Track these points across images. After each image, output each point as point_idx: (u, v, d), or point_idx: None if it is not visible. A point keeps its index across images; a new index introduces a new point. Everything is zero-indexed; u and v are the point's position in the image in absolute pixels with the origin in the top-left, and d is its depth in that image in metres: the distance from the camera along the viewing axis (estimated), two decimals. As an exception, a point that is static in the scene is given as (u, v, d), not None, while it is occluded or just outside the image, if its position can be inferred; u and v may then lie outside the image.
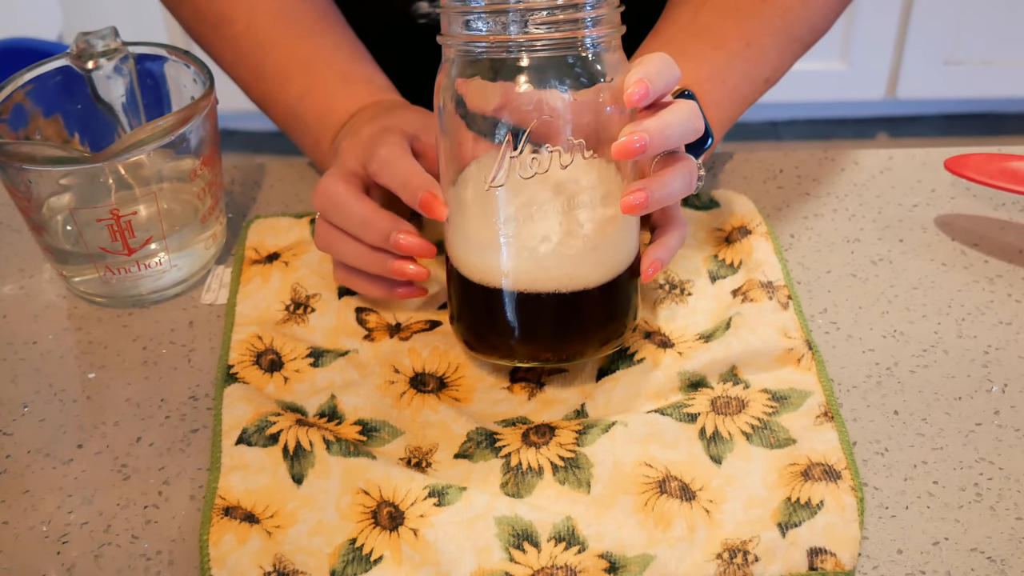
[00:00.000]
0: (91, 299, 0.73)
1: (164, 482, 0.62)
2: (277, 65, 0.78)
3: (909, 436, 0.63)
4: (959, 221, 0.77)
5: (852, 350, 0.68)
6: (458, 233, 0.62)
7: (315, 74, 0.77)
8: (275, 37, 0.78)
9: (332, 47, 0.78)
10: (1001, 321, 0.70)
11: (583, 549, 0.56)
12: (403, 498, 0.58)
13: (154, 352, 0.70)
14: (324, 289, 0.73)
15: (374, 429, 0.63)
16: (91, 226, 0.70)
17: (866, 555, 0.57)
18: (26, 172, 0.68)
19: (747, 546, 0.56)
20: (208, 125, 0.71)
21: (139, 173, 0.71)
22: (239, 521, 0.57)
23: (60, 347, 0.71)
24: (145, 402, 0.67)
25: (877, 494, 0.60)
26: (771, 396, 0.64)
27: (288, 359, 0.67)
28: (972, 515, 0.59)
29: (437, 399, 0.65)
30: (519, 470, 0.60)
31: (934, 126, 2.23)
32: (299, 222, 0.78)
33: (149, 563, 0.58)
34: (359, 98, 0.75)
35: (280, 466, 0.60)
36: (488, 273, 0.61)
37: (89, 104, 0.75)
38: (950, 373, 0.66)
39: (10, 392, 0.68)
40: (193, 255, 0.74)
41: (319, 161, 0.78)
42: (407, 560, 0.56)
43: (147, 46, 0.75)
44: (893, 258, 0.74)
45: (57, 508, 0.61)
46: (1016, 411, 0.64)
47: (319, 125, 0.76)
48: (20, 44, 1.55)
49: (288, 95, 0.77)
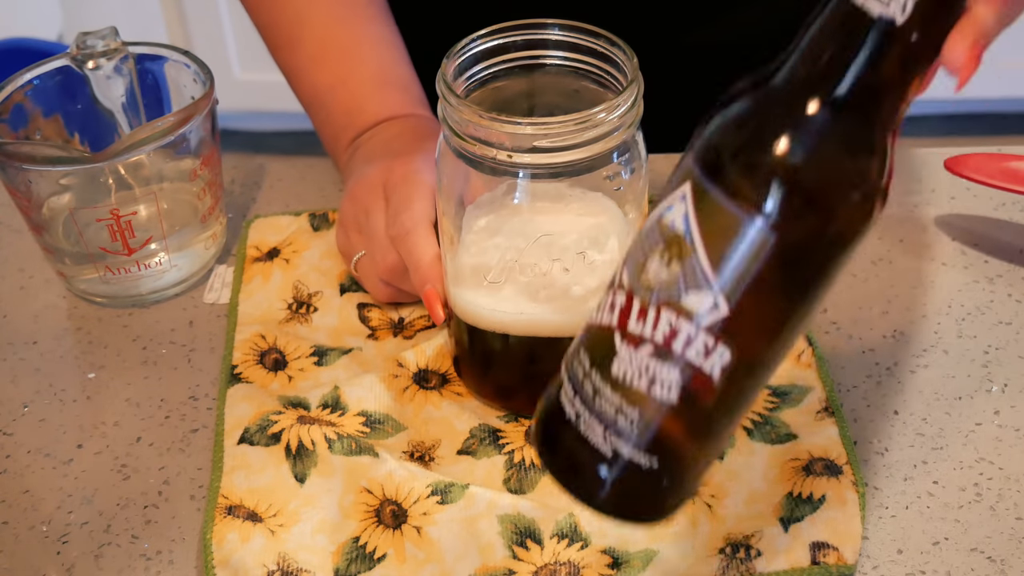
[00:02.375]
0: (91, 299, 0.73)
1: (164, 482, 0.62)
2: (314, 44, 0.76)
3: (909, 436, 0.63)
4: (959, 221, 0.77)
5: (852, 350, 0.68)
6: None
7: (351, 67, 0.76)
8: (318, 12, 0.76)
9: (374, 41, 0.77)
10: (1001, 321, 0.70)
11: (586, 545, 0.56)
12: (406, 496, 0.58)
13: (154, 352, 0.70)
14: (326, 287, 0.73)
15: (378, 422, 0.63)
16: (91, 226, 0.70)
17: (866, 555, 0.57)
18: (26, 172, 0.68)
19: (749, 541, 0.56)
20: (208, 125, 0.71)
21: (139, 173, 0.71)
22: (242, 520, 0.57)
23: (60, 347, 0.71)
24: (145, 402, 0.67)
25: (877, 494, 0.60)
26: (772, 391, 0.64)
27: (292, 358, 0.67)
28: (972, 515, 0.59)
29: (440, 395, 0.65)
30: (522, 466, 0.60)
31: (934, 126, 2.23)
32: (299, 219, 0.78)
33: (149, 563, 0.58)
34: (390, 106, 0.74)
35: (283, 465, 0.60)
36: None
37: (89, 104, 0.75)
38: (950, 373, 0.66)
39: (10, 392, 0.68)
40: (193, 255, 0.74)
41: (332, 152, 0.78)
42: (411, 558, 0.56)
43: (147, 46, 0.75)
44: (893, 258, 0.74)
45: (57, 508, 0.61)
46: (1016, 411, 0.64)
47: (344, 120, 0.75)
48: (20, 44, 1.55)
49: (319, 80, 0.77)
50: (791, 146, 0.40)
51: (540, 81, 0.60)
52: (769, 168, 0.40)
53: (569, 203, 0.59)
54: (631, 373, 0.42)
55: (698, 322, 0.41)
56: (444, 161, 0.59)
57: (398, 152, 0.69)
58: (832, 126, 0.41)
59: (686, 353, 0.42)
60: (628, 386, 0.42)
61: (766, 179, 0.40)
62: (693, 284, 0.41)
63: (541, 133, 0.54)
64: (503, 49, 0.59)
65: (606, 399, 0.43)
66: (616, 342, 0.43)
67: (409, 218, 0.65)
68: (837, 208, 0.41)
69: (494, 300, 0.60)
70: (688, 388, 0.42)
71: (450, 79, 0.57)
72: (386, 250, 0.67)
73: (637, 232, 0.44)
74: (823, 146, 0.41)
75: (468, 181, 0.58)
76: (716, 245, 0.41)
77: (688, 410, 0.43)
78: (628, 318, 0.42)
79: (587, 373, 0.44)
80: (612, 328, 0.43)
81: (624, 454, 0.43)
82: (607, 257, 0.59)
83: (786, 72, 0.42)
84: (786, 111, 0.41)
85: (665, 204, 0.43)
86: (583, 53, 0.58)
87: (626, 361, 0.42)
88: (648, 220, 0.44)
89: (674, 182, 0.43)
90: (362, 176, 0.70)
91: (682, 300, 0.41)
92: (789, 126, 0.41)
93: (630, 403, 0.42)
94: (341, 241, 0.71)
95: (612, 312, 0.43)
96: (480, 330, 0.61)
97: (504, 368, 0.64)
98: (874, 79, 0.41)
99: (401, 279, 0.67)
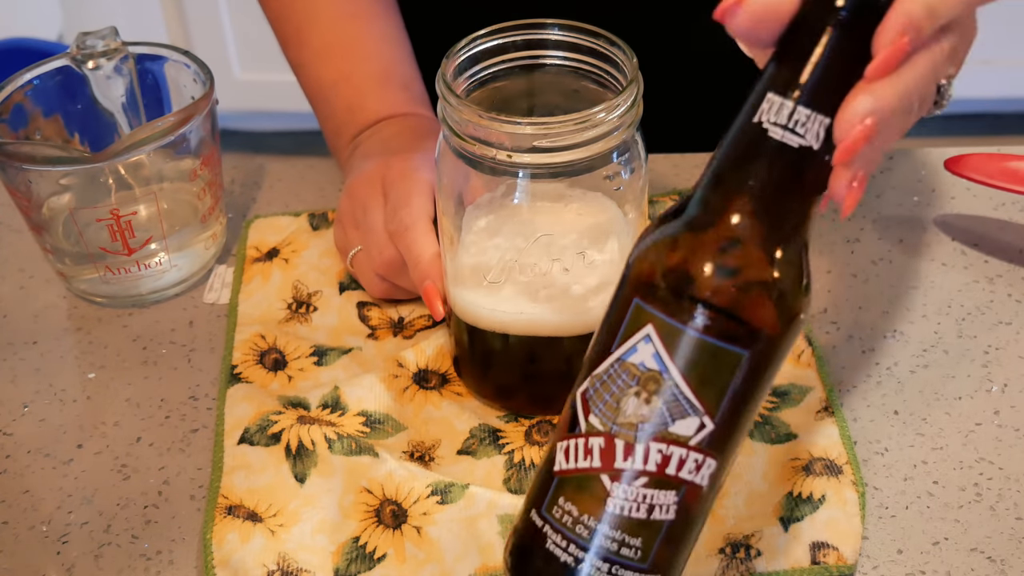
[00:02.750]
0: (91, 299, 0.73)
1: (164, 482, 0.62)
2: (321, 38, 0.77)
3: (909, 436, 0.63)
4: (959, 221, 0.77)
5: (852, 350, 0.68)
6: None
7: (355, 63, 0.76)
8: (326, 8, 0.77)
9: (379, 38, 0.77)
10: (1001, 321, 0.70)
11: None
12: (406, 496, 0.58)
13: (154, 352, 0.70)
14: (325, 286, 0.73)
15: (378, 422, 0.63)
16: (91, 226, 0.70)
17: (866, 555, 0.57)
18: (26, 172, 0.68)
19: (749, 541, 0.56)
20: (208, 125, 0.71)
21: (139, 173, 0.71)
22: (242, 520, 0.57)
23: (60, 347, 0.71)
24: (145, 402, 0.67)
25: (877, 494, 0.60)
26: (772, 391, 0.64)
27: (292, 358, 0.67)
28: (972, 515, 0.59)
29: (440, 395, 0.65)
30: (522, 466, 0.60)
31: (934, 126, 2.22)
32: (298, 219, 0.78)
33: (149, 563, 0.58)
34: (392, 104, 0.75)
35: (283, 465, 0.60)
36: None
37: (89, 104, 0.75)
38: (950, 373, 0.66)
39: (10, 392, 0.68)
40: (193, 255, 0.74)
41: (334, 149, 0.78)
42: (411, 558, 0.56)
43: (147, 46, 0.75)
44: (893, 258, 0.74)
45: (57, 508, 0.61)
46: (1016, 411, 0.64)
47: (345, 115, 0.76)
48: (20, 44, 1.55)
49: (323, 75, 0.77)
50: (758, 274, 0.44)
51: (540, 81, 0.60)
52: (744, 308, 0.44)
53: (569, 203, 0.59)
54: (628, 507, 0.45)
55: (688, 444, 0.44)
56: (444, 161, 0.59)
57: (397, 149, 0.70)
58: (787, 249, 0.45)
59: (680, 474, 0.44)
60: (628, 519, 0.45)
61: (741, 319, 0.44)
62: (679, 414, 0.44)
63: (541, 133, 0.54)
64: (503, 49, 0.59)
65: (607, 537, 0.45)
66: (606, 483, 0.45)
67: (408, 214, 0.65)
68: (796, 312, 0.45)
69: (494, 300, 0.60)
70: (683, 502, 0.45)
71: (450, 79, 0.57)
72: (384, 246, 0.67)
73: (589, 381, 0.46)
74: (786, 270, 0.45)
75: (468, 181, 0.58)
76: (697, 376, 0.44)
77: (683, 520, 0.46)
78: (614, 459, 0.45)
79: (578, 519, 0.45)
80: (597, 471, 0.45)
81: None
82: (607, 257, 0.59)
83: (719, 204, 0.45)
84: (730, 241, 0.44)
85: (623, 347, 0.45)
86: (583, 53, 0.58)
87: (621, 498, 0.45)
88: (603, 366, 0.46)
89: (617, 318, 0.46)
90: (360, 172, 0.70)
91: (670, 429, 0.44)
92: (750, 258, 0.44)
93: (633, 534, 0.45)
94: (338, 237, 0.71)
95: (591, 457, 0.45)
96: (480, 330, 0.61)
97: (504, 368, 0.64)
98: (796, 201, 0.45)
99: (398, 275, 0.67)
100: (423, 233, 0.64)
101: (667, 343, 0.44)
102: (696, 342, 0.44)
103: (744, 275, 0.44)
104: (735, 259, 0.44)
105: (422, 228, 0.64)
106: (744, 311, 0.44)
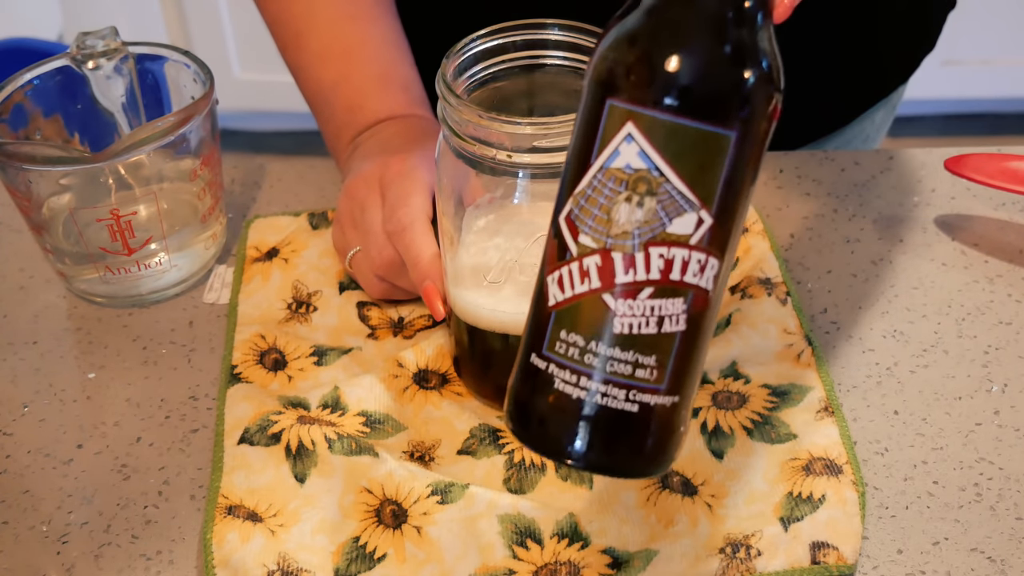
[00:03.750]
0: (91, 299, 0.73)
1: (164, 482, 0.62)
2: (320, 41, 0.77)
3: (909, 436, 0.63)
4: (959, 221, 0.77)
5: (852, 350, 0.68)
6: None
7: (354, 65, 0.76)
8: (325, 10, 0.77)
9: (379, 40, 0.77)
10: (1001, 321, 0.70)
11: (586, 545, 0.56)
12: (406, 496, 0.58)
13: (154, 352, 0.70)
14: (325, 286, 0.73)
15: (378, 422, 0.63)
16: (91, 226, 0.70)
17: (866, 555, 0.57)
18: (26, 172, 0.68)
19: (749, 540, 0.56)
20: (208, 125, 0.71)
21: (139, 173, 0.71)
22: (242, 520, 0.57)
23: (60, 347, 0.71)
24: (145, 402, 0.67)
25: (877, 494, 0.60)
26: (771, 391, 0.64)
27: (292, 358, 0.67)
28: (972, 515, 0.59)
29: (440, 395, 0.65)
30: (522, 466, 0.60)
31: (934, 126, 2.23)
32: (298, 219, 0.78)
33: (149, 563, 0.58)
34: (391, 105, 0.75)
35: (283, 465, 0.60)
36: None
37: (89, 104, 0.75)
38: (950, 373, 0.66)
39: (10, 392, 0.68)
40: (193, 255, 0.74)
41: (333, 150, 0.78)
42: (411, 558, 0.56)
43: (147, 46, 0.75)
44: (893, 258, 0.74)
45: (57, 508, 0.61)
46: (1016, 411, 0.64)
47: (345, 117, 0.76)
48: (20, 44, 1.55)
49: (323, 77, 0.77)
50: (735, 48, 0.42)
51: (540, 81, 0.60)
52: (725, 81, 0.42)
53: None
54: (637, 323, 0.42)
55: (689, 244, 0.42)
56: (444, 161, 0.59)
57: (395, 150, 0.70)
58: (758, 27, 0.43)
59: (685, 278, 0.42)
60: (639, 336, 0.42)
61: (723, 93, 0.42)
62: (675, 211, 0.42)
63: (541, 133, 0.54)
64: (503, 49, 0.59)
65: (619, 360, 0.42)
66: (610, 303, 0.42)
67: (406, 214, 0.65)
68: (775, 84, 0.43)
69: (494, 300, 0.60)
70: (691, 310, 0.42)
71: (450, 79, 0.57)
72: (382, 246, 0.67)
73: (572, 201, 0.44)
74: (759, 47, 0.43)
75: (468, 181, 0.58)
76: (688, 167, 0.41)
77: (694, 330, 0.43)
78: (614, 274, 0.42)
79: (585, 348, 0.43)
80: (598, 291, 0.42)
81: (652, 404, 0.43)
82: None
83: None
84: (706, 23, 0.42)
85: (604, 154, 0.42)
86: (583, 53, 0.58)
87: (628, 315, 0.42)
88: (584, 180, 0.43)
89: (590, 126, 0.43)
90: (358, 172, 0.70)
91: (668, 230, 0.42)
92: (720, 38, 0.42)
93: (645, 352, 0.42)
94: (336, 237, 0.71)
95: (588, 279, 0.43)
96: (480, 330, 0.61)
97: (504, 368, 0.64)
98: None
99: (397, 275, 0.67)
100: (421, 233, 0.64)
101: (651, 137, 0.41)
102: (682, 129, 0.41)
103: (721, 51, 0.42)
104: (709, 37, 0.42)
105: (420, 228, 0.64)
106: (726, 87, 0.42)
